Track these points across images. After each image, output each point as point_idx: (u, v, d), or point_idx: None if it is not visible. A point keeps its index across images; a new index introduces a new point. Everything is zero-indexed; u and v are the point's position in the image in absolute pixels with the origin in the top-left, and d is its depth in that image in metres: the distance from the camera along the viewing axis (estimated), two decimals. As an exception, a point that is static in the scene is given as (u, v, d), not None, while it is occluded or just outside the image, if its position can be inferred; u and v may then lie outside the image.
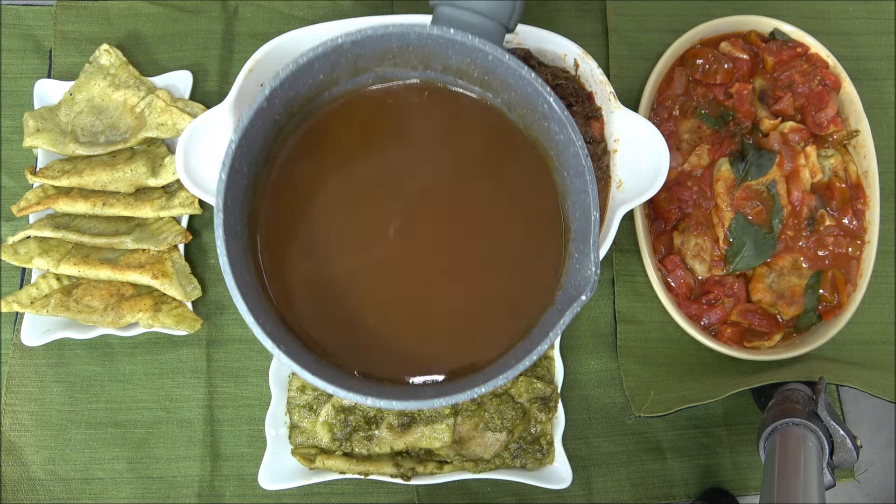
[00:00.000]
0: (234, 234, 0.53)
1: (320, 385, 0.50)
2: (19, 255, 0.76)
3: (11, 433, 0.79)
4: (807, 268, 0.79)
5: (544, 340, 0.50)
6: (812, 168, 0.80)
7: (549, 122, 0.55)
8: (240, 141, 0.52)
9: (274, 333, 0.51)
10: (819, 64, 0.83)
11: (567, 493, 0.79)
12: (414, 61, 0.58)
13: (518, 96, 0.56)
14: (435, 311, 0.57)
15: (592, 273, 0.50)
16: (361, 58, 0.57)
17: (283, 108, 0.56)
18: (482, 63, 0.56)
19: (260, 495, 0.78)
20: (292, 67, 0.53)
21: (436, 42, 0.55)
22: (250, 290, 0.52)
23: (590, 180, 0.52)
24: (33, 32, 0.87)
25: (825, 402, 0.68)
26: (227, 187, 0.51)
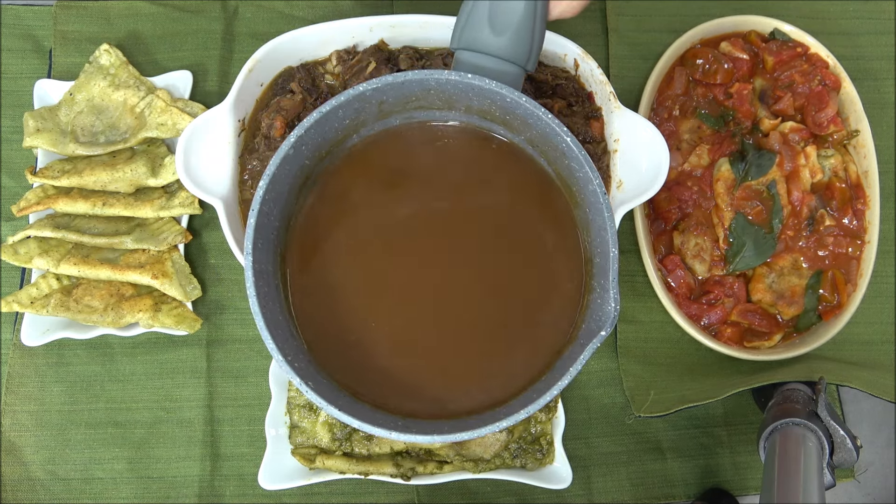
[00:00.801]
0: (265, 274, 0.54)
1: (346, 420, 0.51)
2: (19, 255, 0.76)
3: (11, 433, 0.79)
4: (807, 268, 0.79)
5: (565, 375, 0.51)
6: (812, 168, 0.80)
7: (568, 160, 0.57)
8: (267, 187, 0.54)
9: (302, 370, 0.52)
10: (819, 64, 0.83)
11: (567, 493, 0.79)
12: (438, 103, 0.60)
13: (538, 135, 0.58)
14: (459, 350, 0.59)
15: (612, 309, 0.52)
16: (386, 103, 0.59)
17: (310, 152, 0.58)
18: (501, 104, 0.57)
19: (260, 495, 0.78)
20: (316, 116, 0.55)
21: (455, 87, 0.57)
22: (280, 328, 0.54)
23: (607, 217, 0.53)
24: (33, 32, 0.87)
25: (825, 402, 0.68)
26: (255, 231, 0.53)
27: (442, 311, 0.58)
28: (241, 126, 0.76)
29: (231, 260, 0.81)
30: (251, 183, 0.76)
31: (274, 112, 0.75)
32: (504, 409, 0.53)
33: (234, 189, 0.74)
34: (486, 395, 0.56)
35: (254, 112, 0.77)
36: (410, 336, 0.58)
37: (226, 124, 0.73)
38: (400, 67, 0.77)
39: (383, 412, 0.55)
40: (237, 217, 0.75)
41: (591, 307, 0.55)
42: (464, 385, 0.57)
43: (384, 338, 0.57)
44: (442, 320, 0.58)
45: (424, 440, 0.52)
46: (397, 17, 0.76)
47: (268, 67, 0.76)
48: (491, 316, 0.58)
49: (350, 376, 0.56)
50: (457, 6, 0.87)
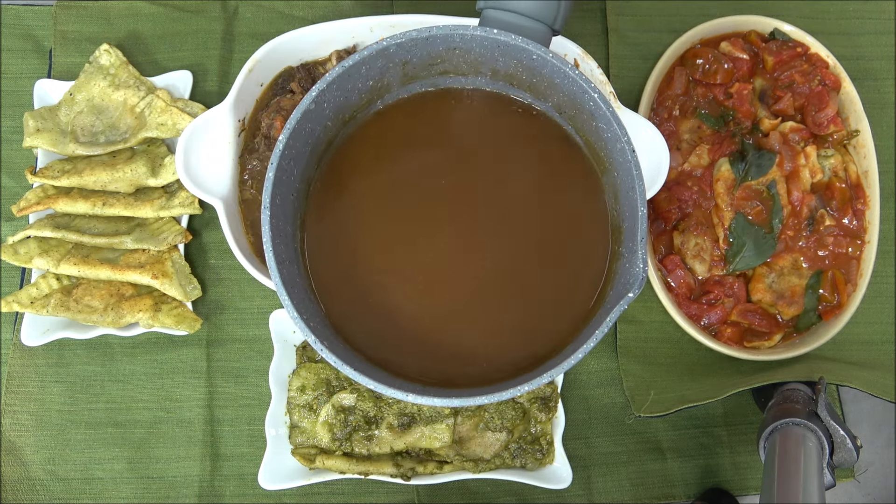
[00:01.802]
0: (284, 235, 0.53)
1: (362, 381, 0.50)
2: (19, 255, 0.76)
3: (11, 433, 0.79)
4: (807, 268, 0.79)
5: (591, 338, 0.50)
6: (812, 168, 0.80)
7: (596, 121, 0.55)
8: (287, 141, 0.52)
9: (318, 330, 0.51)
10: (819, 64, 0.83)
11: (567, 493, 0.79)
12: (463, 67, 0.59)
13: (565, 97, 0.57)
14: (482, 315, 0.58)
15: (640, 270, 0.51)
16: (410, 64, 0.57)
17: (333, 112, 0.56)
18: (528, 64, 0.56)
19: (260, 495, 0.78)
20: (338, 70, 0.53)
21: (481, 44, 0.55)
22: (297, 289, 0.53)
23: (636, 175, 0.52)
24: (33, 32, 0.87)
25: (825, 402, 0.68)
26: (274, 185, 0.52)
27: (465, 277, 0.58)
28: (241, 126, 0.76)
29: (231, 260, 0.81)
30: (251, 183, 0.76)
31: (274, 112, 0.75)
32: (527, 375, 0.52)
33: (234, 189, 0.74)
34: (508, 361, 0.55)
35: (254, 112, 0.77)
36: (432, 301, 0.57)
37: (226, 124, 0.73)
38: (400, 67, 0.77)
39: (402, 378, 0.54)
40: (237, 217, 0.75)
41: (619, 272, 0.54)
42: (486, 350, 0.56)
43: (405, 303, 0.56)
44: (465, 287, 0.57)
45: (442, 402, 0.51)
46: (397, 17, 0.76)
47: (268, 67, 0.76)
48: (515, 282, 0.58)
49: (369, 341, 0.55)
50: (456, 6, 0.88)
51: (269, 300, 0.81)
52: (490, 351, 0.57)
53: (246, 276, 0.81)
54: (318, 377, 0.77)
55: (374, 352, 0.55)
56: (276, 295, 0.79)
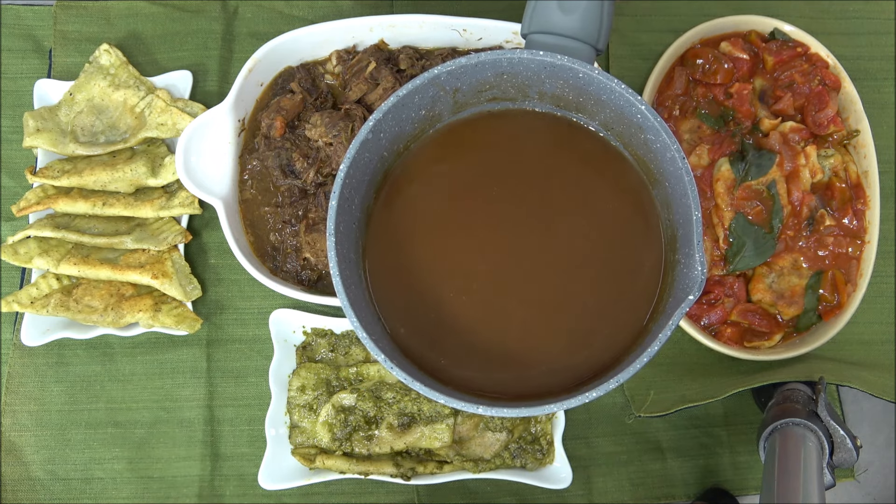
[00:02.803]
0: (348, 260, 0.56)
1: (433, 396, 0.52)
2: (19, 255, 0.76)
3: (11, 433, 0.79)
4: (807, 268, 0.79)
5: (656, 340, 0.51)
6: (812, 168, 0.80)
7: (644, 133, 0.57)
8: (347, 170, 0.55)
9: (387, 350, 0.53)
10: (819, 64, 0.83)
11: (567, 493, 0.79)
12: (511, 91, 0.60)
13: (612, 113, 0.58)
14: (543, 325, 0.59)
15: (699, 273, 0.52)
16: (460, 91, 0.59)
17: (389, 143, 0.59)
18: (574, 83, 0.57)
19: (260, 495, 0.78)
20: (393, 100, 0.55)
21: (528, 66, 0.57)
22: (363, 311, 0.55)
23: (688, 182, 0.53)
24: (33, 32, 0.87)
25: (825, 402, 0.68)
26: (337, 214, 0.54)
27: (523, 291, 0.59)
28: (241, 126, 0.76)
29: (231, 260, 0.81)
30: (251, 183, 0.76)
31: (274, 112, 0.75)
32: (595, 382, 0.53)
33: (234, 189, 0.74)
34: (570, 372, 0.57)
35: (254, 112, 0.77)
36: (492, 315, 0.58)
37: (226, 124, 0.73)
38: (400, 67, 0.77)
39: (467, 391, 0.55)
40: (237, 217, 0.75)
41: (678, 279, 0.55)
42: (547, 362, 0.57)
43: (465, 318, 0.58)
44: (523, 300, 0.59)
45: (511, 413, 0.52)
46: (397, 16, 0.76)
47: (268, 67, 0.76)
48: (572, 294, 0.59)
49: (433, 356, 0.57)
50: (456, 6, 0.88)
51: (269, 300, 0.81)
52: (552, 361, 0.58)
53: (246, 276, 0.81)
54: (318, 377, 0.77)
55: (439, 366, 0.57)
56: (276, 295, 0.79)
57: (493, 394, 0.56)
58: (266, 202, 0.76)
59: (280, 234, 0.76)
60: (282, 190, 0.76)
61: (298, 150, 0.75)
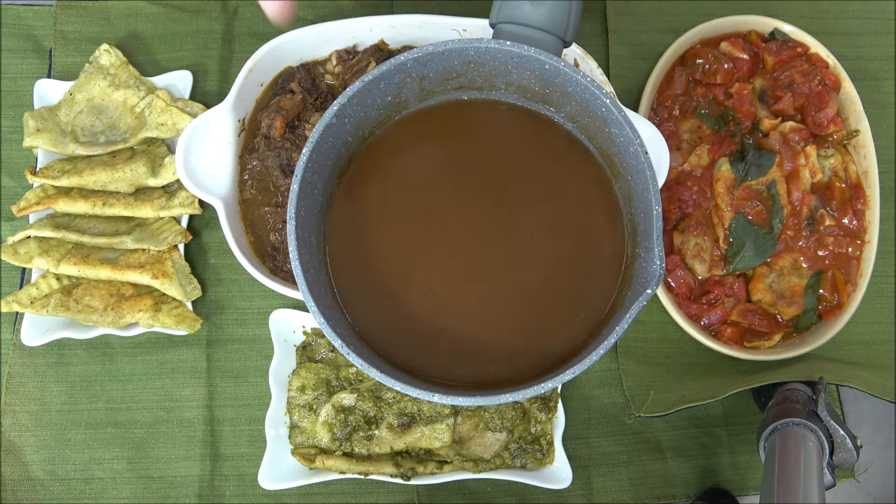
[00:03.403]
0: (308, 245, 0.56)
1: (388, 382, 0.51)
2: (19, 255, 0.76)
3: (11, 433, 0.79)
4: (807, 268, 0.79)
5: (612, 333, 0.52)
6: (812, 168, 0.80)
7: (608, 126, 0.57)
8: (310, 154, 0.54)
9: (344, 336, 0.53)
10: (819, 64, 0.83)
11: (567, 493, 0.79)
12: (478, 81, 0.60)
13: (578, 105, 0.58)
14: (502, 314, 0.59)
15: (658, 266, 0.52)
16: (426, 79, 0.59)
17: (353, 128, 0.58)
18: (541, 74, 0.58)
19: (260, 495, 0.78)
20: (358, 85, 0.55)
21: (495, 56, 0.57)
22: (322, 297, 0.55)
23: (650, 176, 0.54)
24: (33, 32, 0.87)
25: (825, 402, 0.68)
26: (298, 198, 0.54)
27: (482, 280, 0.59)
28: (241, 126, 0.76)
29: (231, 260, 0.81)
30: (251, 183, 0.76)
31: (274, 112, 0.75)
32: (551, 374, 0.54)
33: (233, 189, 0.74)
34: (529, 361, 0.57)
35: (254, 112, 0.77)
36: (451, 304, 0.59)
37: (226, 124, 0.73)
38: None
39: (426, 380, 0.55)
40: (237, 217, 0.75)
41: (637, 272, 0.56)
42: (506, 351, 0.58)
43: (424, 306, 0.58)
44: (483, 289, 0.59)
45: (467, 402, 0.52)
46: (397, 16, 0.76)
47: (268, 67, 0.76)
48: (533, 284, 0.59)
49: (392, 344, 0.57)
50: (456, 6, 0.88)
51: (269, 300, 0.81)
52: (510, 351, 0.58)
53: (246, 276, 0.81)
54: (318, 377, 0.77)
55: (398, 354, 0.57)
56: (276, 295, 0.79)
57: (452, 383, 0.56)
58: (266, 202, 0.76)
59: (280, 234, 0.76)
60: (282, 190, 0.76)
61: (298, 150, 0.75)
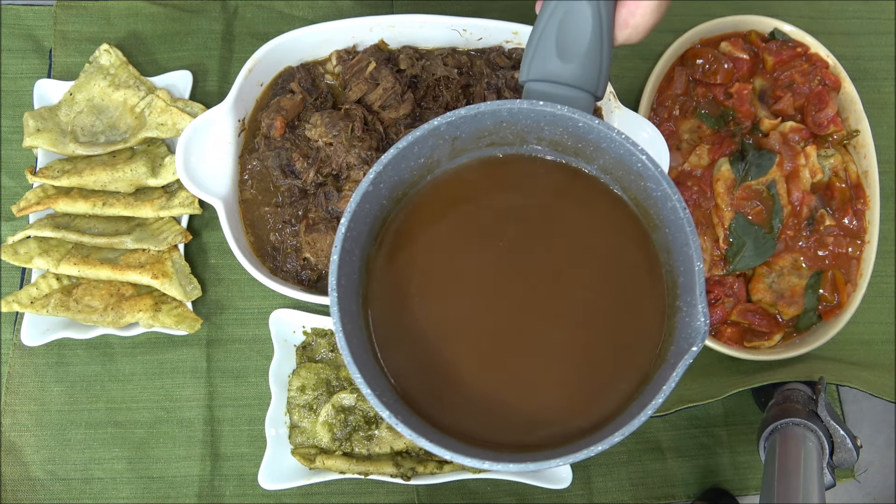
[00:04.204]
0: (350, 313, 0.55)
1: (439, 452, 0.51)
2: (19, 255, 0.76)
3: (11, 433, 0.79)
4: (807, 268, 0.79)
5: (658, 394, 0.51)
6: (812, 168, 0.80)
7: (644, 181, 0.57)
8: (349, 224, 0.55)
9: (390, 405, 0.53)
10: (819, 64, 0.83)
11: (567, 493, 0.79)
12: (510, 138, 0.60)
13: (612, 159, 0.58)
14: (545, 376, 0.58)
15: (702, 324, 0.51)
16: (459, 139, 0.59)
17: (388, 192, 0.58)
18: (574, 131, 0.57)
19: (260, 495, 0.78)
20: (393, 152, 0.55)
21: (527, 116, 0.57)
22: (367, 365, 0.55)
23: (689, 231, 0.53)
24: (33, 32, 0.87)
25: (825, 402, 0.68)
26: (339, 267, 0.54)
27: (524, 341, 0.59)
28: (241, 126, 0.76)
29: (231, 260, 0.81)
30: (251, 183, 0.76)
31: (274, 112, 0.75)
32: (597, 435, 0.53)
33: (233, 189, 0.74)
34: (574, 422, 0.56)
35: (254, 112, 0.77)
36: (494, 366, 0.58)
37: (226, 124, 0.73)
38: (400, 67, 0.77)
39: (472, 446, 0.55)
40: (237, 217, 0.75)
41: (679, 327, 0.55)
42: (550, 413, 0.57)
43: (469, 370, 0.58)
44: (525, 351, 0.59)
45: (518, 468, 0.51)
46: (397, 16, 0.76)
47: (268, 67, 0.76)
48: (574, 346, 0.58)
49: (437, 409, 0.57)
50: (456, 6, 0.88)
51: (269, 300, 0.81)
52: (555, 413, 0.57)
53: (246, 276, 0.81)
54: (318, 377, 0.77)
55: (445, 419, 0.56)
56: (276, 295, 0.79)
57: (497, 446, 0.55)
58: (266, 202, 0.76)
59: (280, 234, 0.76)
60: (282, 190, 0.76)
61: (298, 150, 0.75)
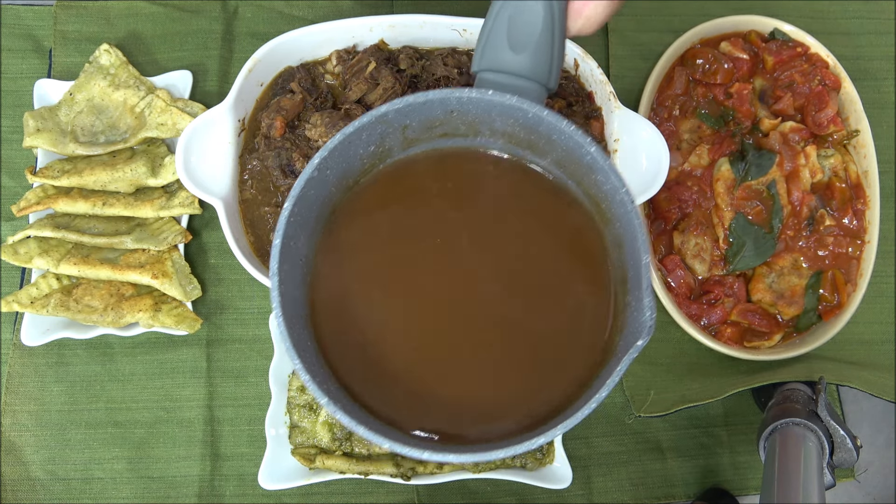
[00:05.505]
0: (293, 300, 0.55)
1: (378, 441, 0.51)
2: (19, 255, 0.76)
3: (11, 433, 0.79)
4: (807, 268, 0.79)
5: (604, 386, 0.51)
6: (812, 168, 0.80)
7: (595, 173, 0.56)
8: (292, 209, 0.54)
9: (331, 392, 0.52)
10: (819, 64, 0.83)
11: (567, 493, 0.79)
12: (462, 128, 0.60)
13: (563, 152, 0.58)
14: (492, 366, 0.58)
15: (648, 317, 0.51)
16: (409, 128, 0.59)
17: (336, 179, 0.58)
18: (524, 122, 0.57)
19: (260, 495, 0.78)
20: (339, 137, 0.55)
21: (477, 105, 0.57)
22: (307, 352, 0.54)
23: (637, 225, 0.53)
24: (33, 32, 0.87)
25: (825, 402, 0.68)
26: (280, 253, 0.54)
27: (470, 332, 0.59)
28: (241, 126, 0.76)
29: (231, 260, 0.81)
30: (251, 183, 0.76)
31: (274, 112, 0.75)
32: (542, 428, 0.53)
33: (233, 189, 0.74)
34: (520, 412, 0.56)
35: (254, 112, 0.77)
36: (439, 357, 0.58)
37: (226, 124, 0.73)
38: (400, 67, 0.77)
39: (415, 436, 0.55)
40: (237, 217, 0.75)
41: (628, 322, 0.55)
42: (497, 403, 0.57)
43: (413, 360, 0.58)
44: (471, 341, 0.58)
45: (458, 459, 0.51)
46: (397, 16, 0.76)
47: (268, 67, 0.76)
48: (521, 334, 0.58)
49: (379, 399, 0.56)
50: (456, 6, 0.88)
51: (268, 300, 0.81)
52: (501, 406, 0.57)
53: (246, 276, 0.81)
54: (318, 377, 0.76)
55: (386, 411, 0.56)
56: (276, 295, 0.79)
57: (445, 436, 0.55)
58: (266, 202, 0.76)
59: (280, 234, 0.76)
60: (282, 190, 0.76)
61: (298, 150, 0.75)
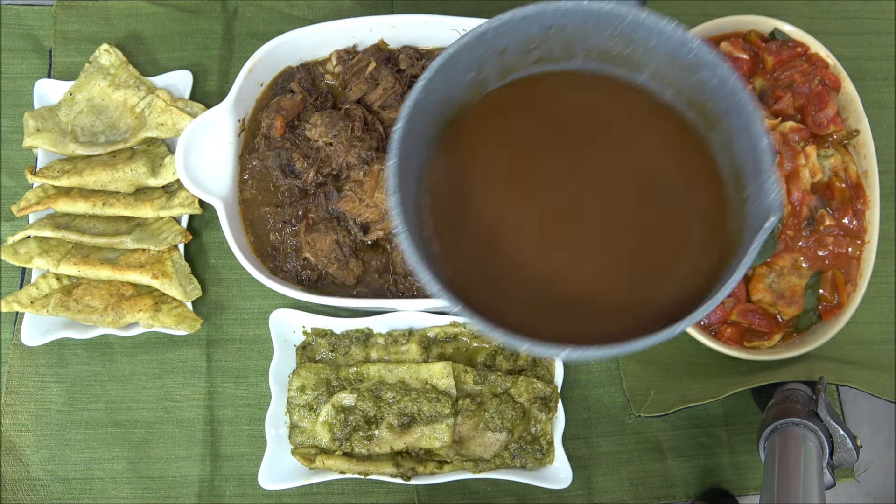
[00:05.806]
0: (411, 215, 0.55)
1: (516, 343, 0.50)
2: (19, 255, 0.76)
3: (11, 433, 0.79)
4: (807, 268, 0.79)
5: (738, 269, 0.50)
6: (812, 168, 0.80)
7: (699, 71, 0.56)
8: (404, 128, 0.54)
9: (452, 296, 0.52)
10: (819, 64, 0.83)
11: (567, 493, 0.79)
12: (557, 50, 0.60)
13: (665, 58, 0.57)
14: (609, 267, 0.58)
15: (774, 197, 0.50)
16: (506, 53, 0.59)
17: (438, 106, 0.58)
18: (622, 32, 0.57)
19: (260, 495, 0.78)
20: (442, 58, 0.55)
21: (573, 17, 0.56)
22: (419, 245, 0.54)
23: (752, 110, 0.52)
24: (33, 32, 0.87)
25: (825, 402, 0.68)
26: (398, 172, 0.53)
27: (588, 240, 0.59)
28: (241, 126, 0.76)
29: (231, 260, 0.81)
30: (251, 183, 0.76)
31: (274, 112, 0.75)
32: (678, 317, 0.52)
33: (234, 189, 0.75)
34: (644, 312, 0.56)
35: (254, 112, 0.77)
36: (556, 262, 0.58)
37: (226, 124, 0.73)
38: (400, 67, 0.77)
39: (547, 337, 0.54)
40: (237, 217, 0.75)
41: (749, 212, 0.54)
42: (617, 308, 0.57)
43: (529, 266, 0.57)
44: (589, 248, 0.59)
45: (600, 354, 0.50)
46: (397, 16, 0.76)
47: (268, 67, 0.76)
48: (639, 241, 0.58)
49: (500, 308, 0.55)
50: (456, 6, 0.88)
51: (269, 300, 0.81)
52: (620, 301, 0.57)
53: (246, 276, 0.81)
54: (318, 377, 0.77)
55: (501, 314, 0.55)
56: (276, 294, 0.79)
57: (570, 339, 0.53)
58: (266, 202, 0.76)
59: (280, 234, 0.76)
60: (282, 190, 0.76)
61: (298, 150, 0.75)
